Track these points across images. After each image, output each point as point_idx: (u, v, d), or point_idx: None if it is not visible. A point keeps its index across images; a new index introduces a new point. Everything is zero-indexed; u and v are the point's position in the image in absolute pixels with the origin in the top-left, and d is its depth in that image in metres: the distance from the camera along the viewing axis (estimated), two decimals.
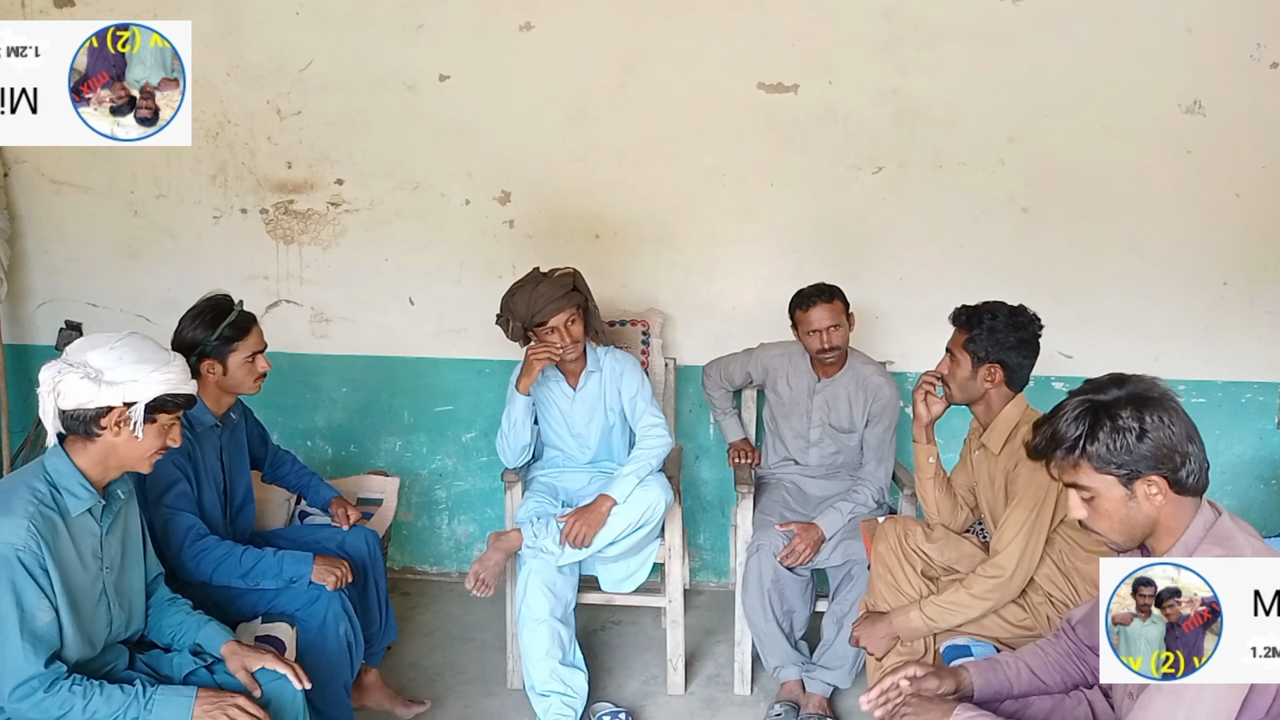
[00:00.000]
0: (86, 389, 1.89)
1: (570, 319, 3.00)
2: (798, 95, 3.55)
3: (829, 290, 3.14)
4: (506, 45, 3.59)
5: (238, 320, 2.55)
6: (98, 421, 1.93)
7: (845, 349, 3.20)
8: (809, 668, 3.02)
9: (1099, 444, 1.64)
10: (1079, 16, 3.42)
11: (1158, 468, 1.63)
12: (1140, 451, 1.62)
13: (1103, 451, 1.64)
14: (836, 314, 3.12)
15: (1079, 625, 1.98)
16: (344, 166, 3.74)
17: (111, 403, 1.92)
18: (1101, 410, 1.65)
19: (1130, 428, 1.62)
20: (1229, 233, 3.54)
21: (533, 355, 3.00)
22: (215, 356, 2.53)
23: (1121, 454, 1.63)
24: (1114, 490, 1.67)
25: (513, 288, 3.03)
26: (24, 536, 1.85)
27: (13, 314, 3.90)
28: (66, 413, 1.91)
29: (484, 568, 2.93)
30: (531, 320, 2.97)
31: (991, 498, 2.57)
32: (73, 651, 1.94)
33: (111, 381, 1.91)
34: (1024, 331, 2.47)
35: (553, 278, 2.99)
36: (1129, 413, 1.63)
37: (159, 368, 1.96)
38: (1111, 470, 1.65)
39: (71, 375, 1.90)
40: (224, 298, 2.60)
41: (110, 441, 1.96)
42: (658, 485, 2.97)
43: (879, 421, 3.18)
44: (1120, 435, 1.63)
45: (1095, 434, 1.64)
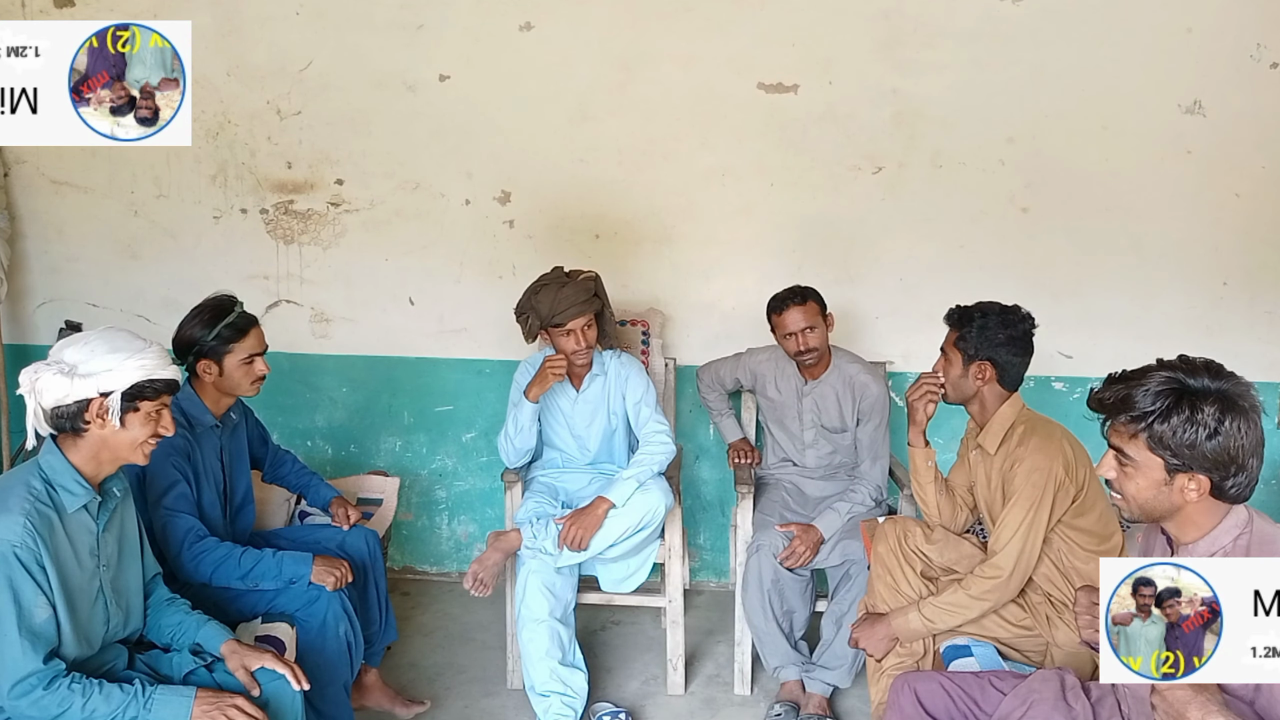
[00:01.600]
0: (61, 384, 1.90)
1: (588, 324, 3.00)
2: (798, 95, 3.55)
3: (802, 292, 3.13)
4: (506, 45, 3.59)
5: (236, 321, 2.55)
6: (81, 416, 1.93)
7: (824, 350, 3.19)
8: (809, 668, 3.02)
9: (1168, 427, 1.59)
10: (1079, 17, 3.42)
11: (1210, 470, 1.59)
12: (1203, 450, 1.58)
13: (1167, 436, 1.59)
14: (811, 316, 3.11)
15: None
16: (344, 166, 3.74)
17: (87, 395, 1.91)
18: (1186, 396, 1.59)
19: (1206, 425, 1.57)
20: (1229, 233, 3.54)
21: (550, 369, 2.98)
22: (211, 356, 2.53)
23: (1184, 446, 1.58)
24: (1155, 472, 1.63)
25: (536, 285, 3.03)
26: (20, 533, 1.85)
27: (13, 314, 3.90)
28: (50, 411, 1.92)
29: (483, 568, 2.93)
30: (551, 320, 2.97)
31: (989, 498, 2.57)
32: (70, 650, 1.94)
33: (85, 374, 1.91)
34: (1014, 329, 2.47)
35: (577, 281, 3.00)
36: (1213, 410, 1.57)
37: (132, 355, 1.95)
38: (1164, 455, 1.61)
39: (47, 373, 1.91)
40: (226, 298, 2.60)
41: (99, 435, 1.96)
42: (658, 489, 2.96)
43: (869, 419, 3.18)
44: (1193, 428, 1.57)
45: (1169, 416, 1.59)
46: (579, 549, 2.87)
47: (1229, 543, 1.63)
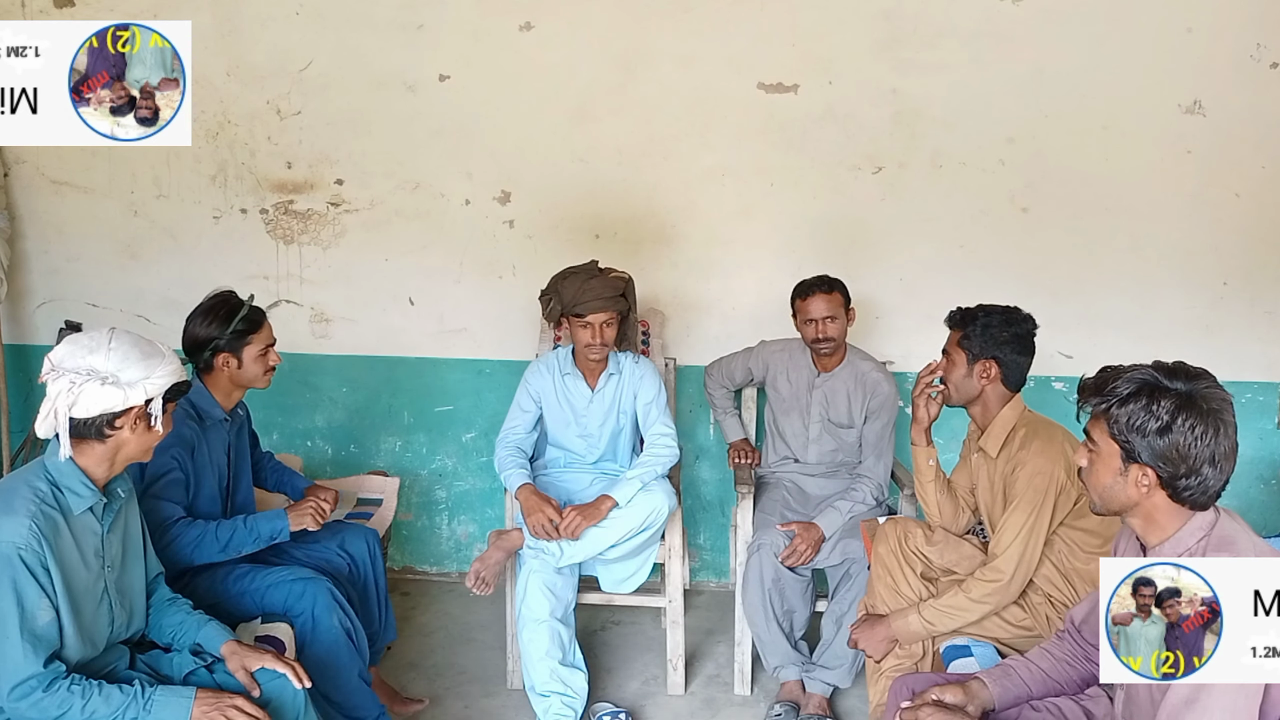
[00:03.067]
0: (110, 394, 1.90)
1: (608, 321, 3.00)
2: (798, 95, 3.55)
3: (829, 282, 3.15)
4: (506, 45, 3.59)
5: (250, 314, 2.59)
6: (112, 423, 1.94)
7: (841, 342, 3.21)
8: (809, 668, 3.02)
9: (1124, 411, 1.65)
10: (1079, 16, 3.42)
11: (1158, 464, 1.64)
12: (1153, 443, 1.63)
13: (1122, 421, 1.66)
14: (834, 306, 3.13)
15: (1083, 625, 1.98)
16: (344, 166, 3.74)
17: (135, 403, 1.93)
18: (1148, 389, 1.65)
19: (1159, 417, 1.62)
20: (1229, 233, 3.54)
21: (533, 526, 2.88)
22: (230, 350, 2.57)
23: (1134, 434, 1.64)
24: (1114, 460, 1.69)
25: (566, 271, 3.03)
26: (25, 535, 1.85)
27: (13, 314, 3.90)
28: (80, 420, 1.91)
29: (484, 566, 2.93)
30: (572, 308, 2.98)
31: (990, 500, 2.57)
32: (74, 651, 1.94)
33: (129, 382, 1.93)
34: (1018, 328, 2.47)
35: (608, 277, 3.00)
36: (1169, 405, 1.62)
37: (162, 360, 1.99)
38: (1120, 441, 1.67)
39: (90, 385, 1.90)
40: (231, 294, 2.63)
41: (122, 438, 1.97)
42: (662, 491, 2.97)
43: (878, 417, 3.19)
44: (1145, 417, 1.63)
45: (1127, 402, 1.65)
46: (573, 536, 2.87)
47: (1194, 544, 1.66)
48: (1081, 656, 1.98)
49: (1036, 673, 1.98)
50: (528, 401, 3.18)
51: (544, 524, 2.87)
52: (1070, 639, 2.00)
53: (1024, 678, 1.97)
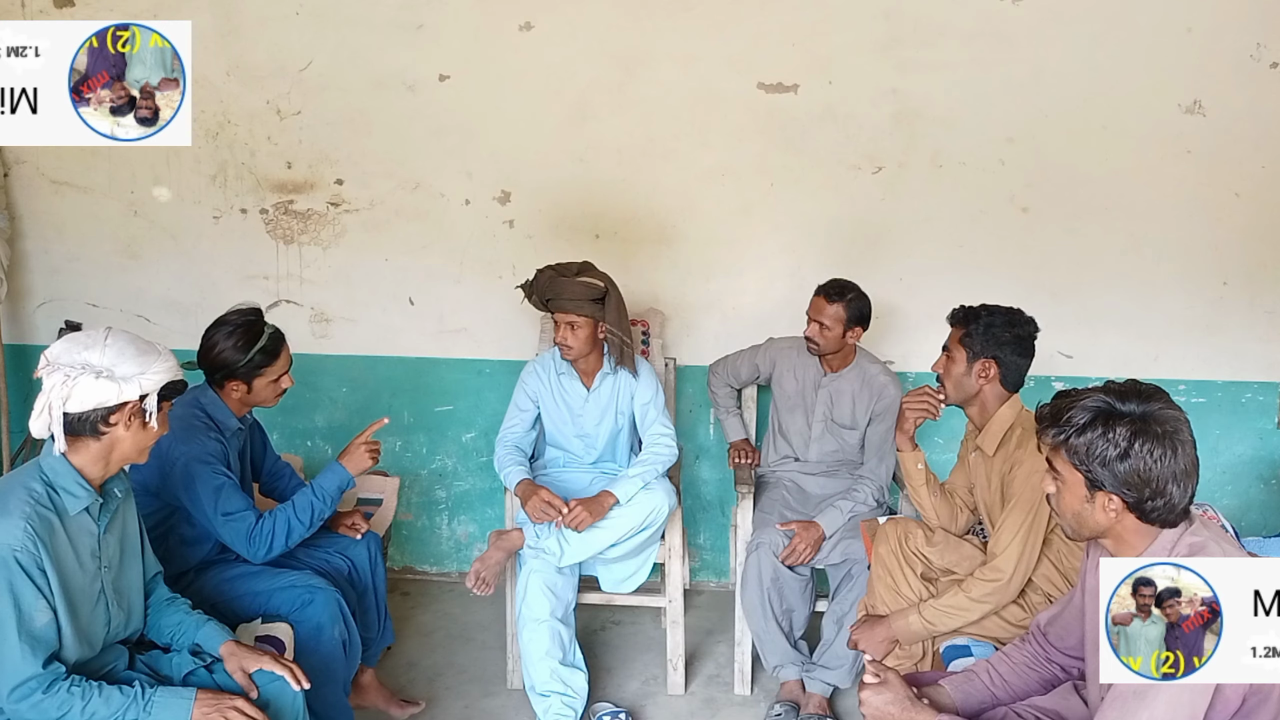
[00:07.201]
0: (104, 388, 1.89)
1: (573, 324, 2.99)
2: (798, 95, 3.55)
3: (838, 292, 3.13)
4: (506, 45, 3.59)
5: (268, 345, 2.56)
6: (107, 419, 1.93)
7: (827, 351, 3.20)
8: (809, 668, 3.02)
9: (1082, 441, 1.65)
10: (1079, 17, 3.42)
11: (1122, 490, 1.64)
12: (1114, 469, 1.63)
13: (1081, 451, 1.66)
14: (829, 316, 3.13)
15: (1048, 628, 1.98)
16: (344, 166, 3.74)
17: (129, 397, 1.92)
18: (1104, 416, 1.64)
19: (1117, 444, 1.62)
20: (1229, 233, 3.54)
21: (532, 511, 2.91)
22: (241, 378, 2.55)
23: (1095, 463, 1.64)
24: (1079, 488, 1.69)
25: (551, 266, 3.04)
26: (21, 537, 1.84)
27: (13, 314, 3.90)
28: (75, 415, 1.90)
29: (485, 566, 2.93)
30: (543, 300, 3.00)
31: (988, 500, 2.57)
32: (72, 652, 1.94)
33: (124, 377, 1.92)
34: (1019, 329, 2.48)
35: (583, 281, 2.97)
36: (1125, 432, 1.62)
37: (158, 357, 1.98)
38: (1083, 470, 1.67)
39: (84, 378, 1.89)
40: (255, 315, 2.59)
41: (116, 436, 1.95)
42: (662, 490, 2.98)
43: (882, 420, 3.19)
44: (1104, 445, 1.63)
45: (1084, 431, 1.65)
46: (578, 528, 2.87)
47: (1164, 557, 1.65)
48: (1043, 659, 1.99)
49: (997, 678, 1.98)
50: (525, 401, 3.18)
51: (542, 506, 2.87)
52: (1034, 641, 2.01)
53: (987, 682, 1.98)
